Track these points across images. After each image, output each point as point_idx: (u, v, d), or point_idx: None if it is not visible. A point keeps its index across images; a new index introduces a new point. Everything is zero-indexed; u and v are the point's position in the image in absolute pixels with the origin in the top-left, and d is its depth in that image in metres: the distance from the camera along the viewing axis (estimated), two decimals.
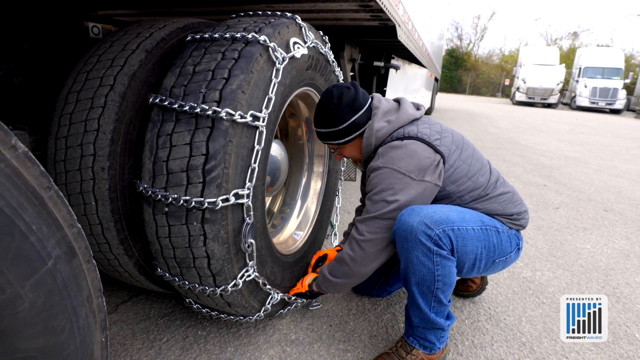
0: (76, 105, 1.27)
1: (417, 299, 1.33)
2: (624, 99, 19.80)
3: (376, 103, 1.49)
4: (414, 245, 1.28)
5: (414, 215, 1.28)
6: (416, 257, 1.29)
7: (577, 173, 4.93)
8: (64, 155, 1.25)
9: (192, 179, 1.13)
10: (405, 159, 1.32)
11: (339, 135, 1.48)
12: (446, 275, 1.29)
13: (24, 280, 0.54)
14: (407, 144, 1.35)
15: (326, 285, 1.51)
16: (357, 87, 1.48)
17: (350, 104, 1.43)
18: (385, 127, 1.43)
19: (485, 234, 1.36)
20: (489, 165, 1.51)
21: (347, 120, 1.44)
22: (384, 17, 2.37)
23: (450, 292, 1.35)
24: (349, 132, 1.46)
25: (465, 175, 1.41)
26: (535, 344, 1.60)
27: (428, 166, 1.33)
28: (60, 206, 0.61)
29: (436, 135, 1.40)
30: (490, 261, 1.40)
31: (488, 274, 1.52)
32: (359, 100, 1.45)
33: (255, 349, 1.50)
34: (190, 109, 1.13)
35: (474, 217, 1.36)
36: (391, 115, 1.45)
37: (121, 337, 1.54)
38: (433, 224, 1.26)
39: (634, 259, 2.48)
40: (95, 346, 0.71)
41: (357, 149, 1.54)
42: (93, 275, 0.69)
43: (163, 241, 1.22)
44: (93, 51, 1.38)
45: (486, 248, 1.36)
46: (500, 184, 1.49)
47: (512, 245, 1.45)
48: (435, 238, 1.26)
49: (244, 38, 1.25)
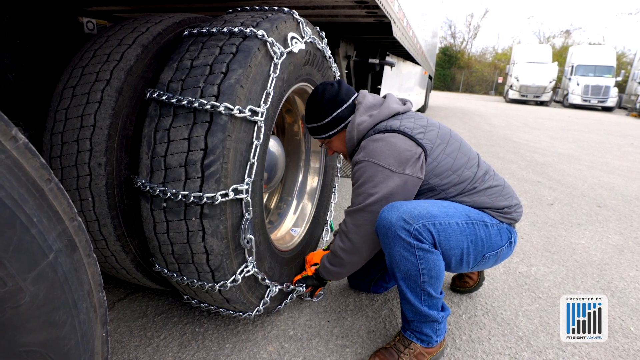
0: (72, 101, 1.25)
1: (406, 293, 1.35)
2: (615, 97, 19.96)
3: (360, 98, 1.54)
4: (394, 240, 1.29)
5: (393, 211, 1.30)
6: (398, 253, 1.30)
7: (570, 170, 4.97)
8: (60, 151, 1.24)
9: (190, 174, 1.13)
10: (385, 152, 1.35)
11: (323, 129, 1.56)
12: (431, 268, 1.30)
13: (26, 273, 0.53)
14: (388, 137, 1.38)
15: (326, 272, 1.60)
16: (342, 84, 1.55)
17: (333, 99, 1.51)
18: (366, 120, 1.48)
19: (472, 228, 1.36)
20: (477, 159, 1.51)
21: (329, 115, 1.52)
22: (380, 14, 2.37)
23: (439, 285, 1.35)
24: (331, 126, 1.54)
25: (450, 168, 1.41)
26: (532, 338, 1.62)
27: (408, 159, 1.34)
28: (60, 199, 0.60)
29: (420, 129, 1.42)
30: (480, 256, 1.40)
31: (480, 268, 1.53)
32: (341, 96, 1.52)
33: (253, 345, 1.50)
34: (189, 104, 1.13)
35: (459, 211, 1.36)
36: (374, 110, 1.50)
37: (118, 334, 1.53)
38: (412, 219, 1.27)
39: (628, 253, 2.51)
40: (96, 341, 0.70)
41: (343, 142, 1.59)
42: (94, 270, 0.68)
43: (161, 237, 1.21)
44: (89, 46, 1.36)
45: (473, 242, 1.36)
46: (489, 177, 1.48)
47: (503, 239, 1.45)
48: (414, 233, 1.27)
49: (241, 32, 1.24)
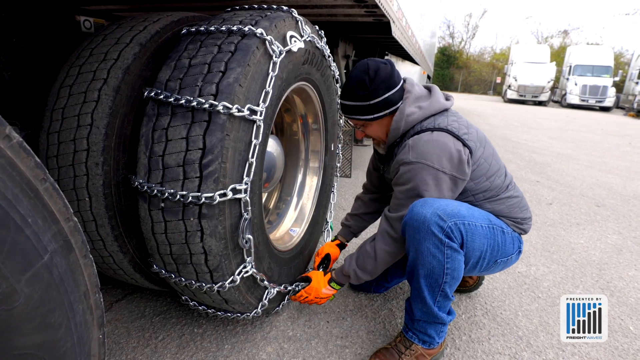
0: (69, 100, 1.24)
1: (424, 291, 1.32)
2: (613, 97, 19.98)
3: (409, 87, 1.46)
4: (425, 236, 1.27)
5: (427, 206, 1.28)
6: (427, 249, 1.28)
7: (568, 169, 4.98)
8: (56, 151, 1.23)
9: (188, 174, 1.12)
10: (437, 153, 1.30)
11: (368, 110, 1.43)
12: (455, 269, 1.29)
13: (20, 275, 0.52)
14: (438, 137, 1.32)
15: (355, 277, 1.50)
16: (393, 65, 1.44)
17: (386, 80, 1.39)
18: (416, 112, 1.40)
19: (492, 232, 1.36)
20: (505, 169, 1.51)
21: (380, 96, 1.40)
22: (379, 13, 2.36)
23: (455, 287, 1.34)
24: (380, 108, 1.42)
25: (485, 174, 1.40)
26: (531, 338, 1.61)
27: (460, 160, 1.31)
28: (56, 199, 0.59)
29: (464, 129, 1.38)
30: (493, 260, 1.40)
31: (486, 273, 1.53)
32: (394, 78, 1.42)
33: (252, 346, 1.49)
34: (187, 103, 1.11)
35: (482, 214, 1.36)
36: (423, 102, 1.42)
37: (116, 335, 1.52)
38: (446, 216, 1.26)
39: (627, 253, 2.51)
40: (93, 343, 0.69)
41: (383, 128, 1.49)
42: (90, 271, 0.67)
43: (159, 237, 1.20)
44: (86, 44, 1.35)
45: (491, 246, 1.36)
46: (511, 187, 1.49)
47: (515, 247, 1.46)
48: (447, 230, 1.25)
49: (240, 31, 1.23)
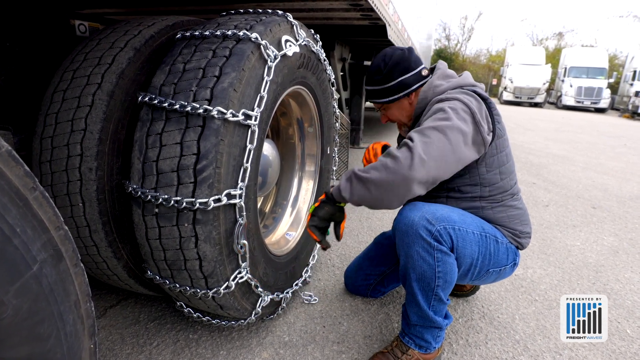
0: (62, 104, 1.23)
1: (417, 295, 1.32)
2: (608, 98, 20.12)
3: (440, 65, 1.51)
4: (414, 239, 1.27)
5: (416, 210, 1.28)
6: (416, 252, 1.28)
7: (564, 171, 4.99)
8: (49, 156, 1.22)
9: (183, 179, 1.11)
10: (472, 101, 1.29)
11: (384, 93, 1.49)
12: (447, 272, 1.28)
13: (8, 286, 0.51)
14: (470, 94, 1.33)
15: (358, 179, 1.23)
16: (412, 51, 1.50)
17: (401, 64, 1.45)
18: (444, 84, 1.42)
19: (484, 240, 1.35)
20: (516, 179, 1.51)
21: (394, 79, 1.45)
22: (374, 17, 2.37)
23: (449, 291, 1.34)
24: (395, 91, 1.47)
25: (499, 167, 1.40)
26: (529, 342, 1.61)
27: (486, 120, 1.30)
28: (46, 207, 0.58)
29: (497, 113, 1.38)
30: (484, 270, 1.40)
31: (479, 283, 1.53)
32: (409, 62, 1.46)
33: (248, 352, 1.48)
34: (181, 108, 1.11)
35: (475, 222, 1.36)
36: (452, 78, 1.46)
37: (110, 342, 1.50)
38: (434, 220, 1.26)
39: (623, 255, 2.51)
40: (84, 353, 0.68)
41: (402, 112, 1.53)
42: (81, 280, 0.66)
43: (153, 243, 1.19)
44: (80, 49, 1.34)
45: (482, 254, 1.35)
46: (517, 197, 1.48)
47: (509, 258, 1.45)
48: (435, 234, 1.25)
49: (235, 35, 1.22)
